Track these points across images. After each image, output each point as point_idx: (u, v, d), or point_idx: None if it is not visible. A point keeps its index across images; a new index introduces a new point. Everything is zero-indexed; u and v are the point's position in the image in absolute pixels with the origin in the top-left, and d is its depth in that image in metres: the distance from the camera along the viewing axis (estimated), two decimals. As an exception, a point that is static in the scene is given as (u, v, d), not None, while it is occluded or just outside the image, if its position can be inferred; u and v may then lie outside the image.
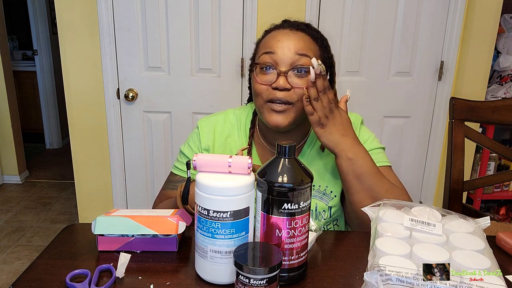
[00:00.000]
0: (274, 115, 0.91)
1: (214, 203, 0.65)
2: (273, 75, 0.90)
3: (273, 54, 0.90)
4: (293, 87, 0.89)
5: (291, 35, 0.92)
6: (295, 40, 0.91)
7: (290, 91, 0.89)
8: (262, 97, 0.92)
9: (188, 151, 1.05)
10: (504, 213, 2.44)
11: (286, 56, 0.89)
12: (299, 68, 0.89)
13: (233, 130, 1.05)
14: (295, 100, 0.90)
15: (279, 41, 0.91)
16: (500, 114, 1.22)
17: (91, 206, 2.23)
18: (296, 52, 0.90)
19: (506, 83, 2.26)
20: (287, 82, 0.89)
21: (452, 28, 2.01)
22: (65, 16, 1.97)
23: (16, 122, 3.54)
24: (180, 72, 2.05)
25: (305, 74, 0.90)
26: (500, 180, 1.32)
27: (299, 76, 0.90)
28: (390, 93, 2.10)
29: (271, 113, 0.91)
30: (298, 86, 0.89)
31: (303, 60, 0.90)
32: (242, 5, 1.97)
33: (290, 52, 0.89)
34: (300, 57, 0.90)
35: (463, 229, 0.74)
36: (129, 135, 2.12)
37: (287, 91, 0.89)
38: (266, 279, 0.61)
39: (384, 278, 0.60)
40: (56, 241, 0.81)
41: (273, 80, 0.90)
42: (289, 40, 0.91)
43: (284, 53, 0.89)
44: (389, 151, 2.17)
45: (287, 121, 0.91)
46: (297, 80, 0.90)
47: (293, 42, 0.91)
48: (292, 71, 0.90)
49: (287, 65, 0.90)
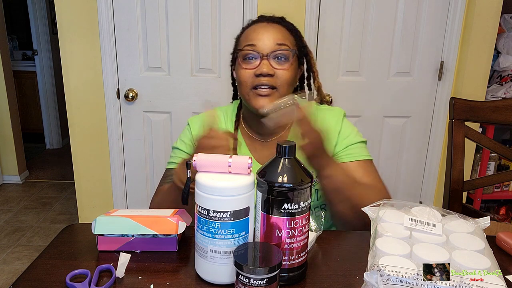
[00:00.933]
0: (260, 99, 0.98)
1: (214, 203, 0.65)
2: (256, 62, 0.98)
3: (254, 45, 0.98)
4: (276, 69, 0.97)
5: (269, 27, 1.01)
6: (273, 31, 1.00)
7: (273, 76, 0.97)
8: (247, 85, 0.99)
9: (181, 145, 1.10)
10: (504, 213, 2.44)
11: (267, 46, 0.98)
12: (279, 56, 0.98)
13: (220, 124, 1.12)
14: (278, 85, 0.98)
15: (259, 33, 0.99)
16: (500, 114, 1.22)
17: (91, 206, 2.23)
18: (275, 42, 0.98)
19: (506, 83, 2.26)
20: (271, 68, 0.97)
21: (452, 28, 2.01)
22: (65, 16, 1.97)
23: (16, 122, 3.54)
24: (180, 72, 2.05)
25: (284, 61, 0.98)
26: (500, 180, 1.32)
27: (280, 63, 0.98)
28: (390, 93, 2.10)
29: (257, 98, 0.98)
30: (281, 68, 0.97)
31: (283, 48, 0.98)
32: (242, 5, 1.97)
33: (270, 42, 0.98)
34: (279, 46, 0.98)
35: (463, 229, 0.74)
36: (129, 135, 2.12)
37: (270, 76, 0.97)
38: (266, 279, 0.61)
39: (384, 278, 0.60)
40: (56, 241, 0.82)
41: (256, 65, 0.98)
42: (268, 32, 0.99)
43: (264, 44, 0.98)
44: (389, 151, 2.18)
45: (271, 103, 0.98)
46: (277, 66, 0.98)
47: (272, 33, 0.99)
48: (273, 59, 0.98)
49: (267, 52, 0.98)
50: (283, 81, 0.98)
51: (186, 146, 1.09)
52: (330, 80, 2.06)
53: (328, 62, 2.04)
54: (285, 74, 0.98)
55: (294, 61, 1.02)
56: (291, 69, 1.00)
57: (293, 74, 1.01)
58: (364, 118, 2.10)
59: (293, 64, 1.01)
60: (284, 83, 0.98)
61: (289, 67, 0.99)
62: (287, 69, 0.99)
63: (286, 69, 0.98)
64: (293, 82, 1.03)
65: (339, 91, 2.07)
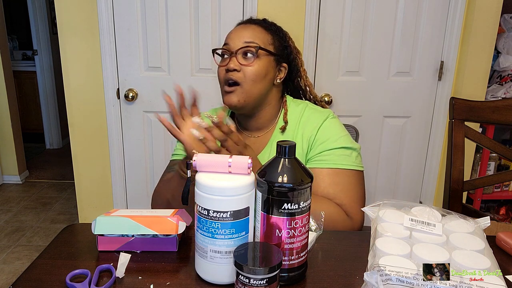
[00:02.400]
0: (227, 95, 1.04)
1: (214, 203, 0.65)
2: (228, 59, 1.04)
3: (227, 44, 1.05)
4: (242, 65, 1.02)
5: (242, 28, 1.07)
6: (245, 31, 1.06)
7: (239, 72, 1.02)
8: (221, 81, 1.06)
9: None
10: (504, 213, 2.44)
11: (235, 45, 1.04)
12: (246, 52, 1.03)
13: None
14: (242, 81, 1.02)
15: (232, 33, 1.07)
16: (500, 114, 1.22)
17: (91, 206, 2.23)
18: (243, 40, 1.03)
19: (506, 83, 2.26)
20: (237, 63, 1.02)
21: (452, 28, 2.01)
22: (65, 16, 1.97)
23: (16, 122, 3.54)
24: (180, 72, 2.05)
25: (251, 57, 1.03)
26: (500, 180, 1.32)
27: (246, 58, 1.03)
28: (390, 93, 2.10)
29: (225, 95, 1.05)
30: (246, 64, 1.02)
31: (251, 46, 1.03)
32: (242, 5, 1.97)
33: (239, 41, 1.04)
34: (247, 43, 1.03)
35: (463, 229, 0.74)
36: (129, 135, 2.12)
37: (236, 71, 1.02)
38: (266, 279, 0.61)
39: (384, 278, 0.60)
40: (56, 241, 0.81)
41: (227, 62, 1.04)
42: (240, 32, 1.06)
43: (234, 43, 1.04)
44: (389, 151, 2.18)
45: (236, 99, 1.03)
46: (243, 61, 1.03)
47: (243, 32, 1.05)
48: (241, 55, 1.03)
49: (235, 50, 1.04)
50: (247, 76, 1.02)
51: None
52: (330, 80, 2.06)
53: (328, 62, 2.04)
54: (250, 70, 1.02)
55: (265, 58, 1.04)
56: (257, 64, 1.03)
57: (260, 70, 1.03)
58: (364, 118, 2.10)
59: (262, 60, 1.04)
60: (248, 79, 1.02)
61: (256, 63, 1.02)
62: (251, 64, 1.02)
63: (251, 65, 1.02)
64: (260, 78, 1.03)
65: (339, 91, 2.07)
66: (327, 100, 2.05)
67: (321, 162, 1.02)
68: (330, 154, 1.02)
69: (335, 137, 1.04)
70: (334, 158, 1.02)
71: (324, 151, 1.03)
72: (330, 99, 2.05)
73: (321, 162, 1.02)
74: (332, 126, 1.07)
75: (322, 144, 1.03)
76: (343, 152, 1.03)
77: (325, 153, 1.02)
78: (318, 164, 1.02)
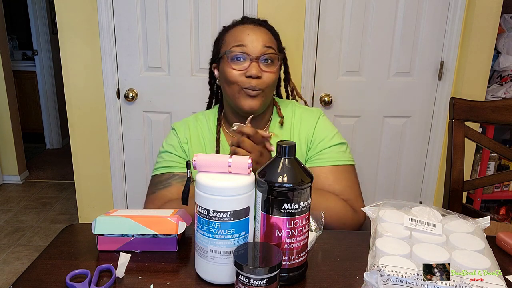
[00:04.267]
0: (249, 99, 1.00)
1: (214, 203, 0.65)
2: (245, 63, 1.00)
3: (244, 46, 1.00)
4: (264, 71, 1.00)
5: (257, 30, 1.04)
6: (261, 33, 1.03)
7: (261, 79, 1.00)
8: (238, 85, 1.00)
9: (170, 148, 1.10)
10: (504, 213, 2.44)
11: (256, 49, 1.00)
12: (266, 58, 1.00)
13: (203, 126, 1.14)
14: (264, 87, 1.00)
15: (249, 35, 1.01)
16: (500, 114, 1.22)
17: (91, 206, 2.23)
18: (264, 44, 1.00)
19: (506, 83, 2.26)
20: (259, 70, 0.99)
21: (452, 28, 2.01)
22: (65, 16, 1.97)
23: (16, 122, 3.54)
24: (180, 72, 2.05)
25: (271, 64, 1.01)
26: (500, 180, 1.32)
27: (267, 66, 1.01)
28: (390, 93, 2.10)
29: (246, 98, 1.00)
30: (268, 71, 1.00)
31: (270, 51, 1.01)
32: (242, 5, 1.97)
33: (259, 44, 1.00)
34: (267, 48, 1.01)
35: (463, 229, 0.74)
36: (129, 135, 2.12)
37: (259, 79, 0.99)
38: (266, 279, 0.61)
39: (384, 278, 0.60)
40: (56, 241, 0.82)
41: (246, 67, 0.99)
42: (257, 34, 1.02)
43: (254, 46, 1.00)
44: (389, 151, 2.18)
45: (259, 103, 1.01)
46: (265, 68, 1.01)
47: (260, 35, 1.02)
48: (261, 61, 1.00)
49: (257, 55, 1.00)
50: (269, 83, 1.01)
51: (176, 149, 1.10)
52: (330, 80, 2.06)
53: (328, 62, 2.04)
54: (271, 77, 1.01)
55: (278, 63, 1.04)
56: (276, 71, 1.03)
57: (277, 77, 1.05)
58: (364, 118, 2.10)
59: (277, 66, 1.04)
60: (270, 85, 1.02)
61: (275, 70, 1.02)
62: (273, 72, 1.01)
63: (272, 72, 1.01)
64: (276, 84, 1.06)
65: (339, 91, 2.07)
66: (327, 100, 2.05)
67: (322, 160, 1.04)
68: (329, 152, 1.05)
69: (331, 135, 1.07)
70: (334, 155, 1.05)
71: (323, 149, 1.05)
72: (330, 99, 2.05)
73: (323, 161, 1.04)
74: (326, 124, 1.10)
75: (321, 143, 1.06)
76: (339, 148, 1.06)
77: (325, 151, 1.05)
78: (320, 163, 1.04)
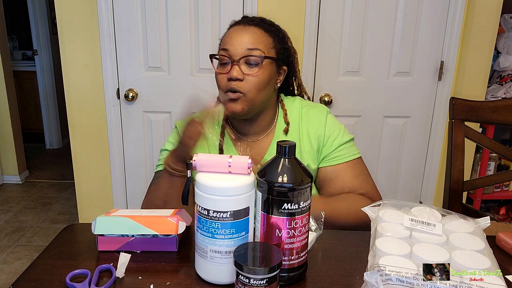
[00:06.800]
0: (231, 103, 1.00)
1: (214, 203, 0.65)
2: (229, 67, 1.00)
3: (227, 50, 1.00)
4: (245, 74, 0.99)
5: (243, 31, 1.02)
6: (245, 36, 1.00)
7: (242, 81, 0.99)
8: (222, 89, 1.02)
9: (169, 146, 1.11)
10: (504, 213, 2.44)
11: (238, 52, 0.99)
12: (249, 61, 0.99)
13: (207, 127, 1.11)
14: (246, 91, 0.99)
15: (232, 38, 1.01)
16: (500, 114, 1.22)
17: (91, 206, 2.23)
18: (246, 47, 0.99)
19: (506, 83, 2.26)
20: (240, 73, 0.98)
21: (452, 28, 2.01)
22: (65, 16, 1.97)
23: (16, 122, 3.54)
24: (180, 72, 2.05)
25: (255, 66, 0.99)
26: (500, 180, 1.32)
27: (250, 68, 0.99)
28: (390, 93, 2.10)
29: (228, 102, 1.01)
30: (250, 74, 0.99)
31: (253, 53, 0.99)
32: (242, 5, 1.97)
33: (241, 47, 0.99)
34: (250, 51, 0.99)
35: (463, 229, 0.74)
36: (129, 135, 2.12)
37: (239, 81, 0.99)
38: (266, 279, 0.61)
39: (384, 278, 0.60)
40: (56, 241, 0.82)
41: (229, 70, 1.00)
42: (241, 37, 1.00)
43: (235, 48, 0.99)
44: (389, 151, 2.18)
45: (240, 107, 1.00)
46: (248, 71, 0.99)
47: (244, 37, 1.00)
48: (244, 64, 0.99)
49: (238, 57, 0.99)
50: (251, 86, 0.99)
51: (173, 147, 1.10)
52: (330, 80, 2.06)
53: (328, 62, 2.04)
54: (254, 80, 0.99)
55: (268, 65, 1.01)
56: (261, 73, 0.99)
57: (264, 78, 1.00)
58: (364, 118, 2.10)
59: (266, 68, 1.01)
60: (253, 88, 0.99)
61: (259, 72, 0.99)
62: (256, 74, 0.99)
63: (255, 74, 0.99)
64: (263, 86, 1.01)
65: (339, 91, 2.07)
66: (327, 100, 2.05)
67: (340, 157, 1.06)
68: (344, 148, 1.06)
69: (342, 131, 1.09)
70: (348, 151, 1.07)
71: (338, 146, 1.06)
72: (330, 99, 2.05)
73: (340, 158, 1.06)
74: (334, 121, 1.11)
75: (336, 140, 1.06)
76: (350, 143, 1.08)
77: (340, 148, 1.06)
78: (338, 160, 1.05)
